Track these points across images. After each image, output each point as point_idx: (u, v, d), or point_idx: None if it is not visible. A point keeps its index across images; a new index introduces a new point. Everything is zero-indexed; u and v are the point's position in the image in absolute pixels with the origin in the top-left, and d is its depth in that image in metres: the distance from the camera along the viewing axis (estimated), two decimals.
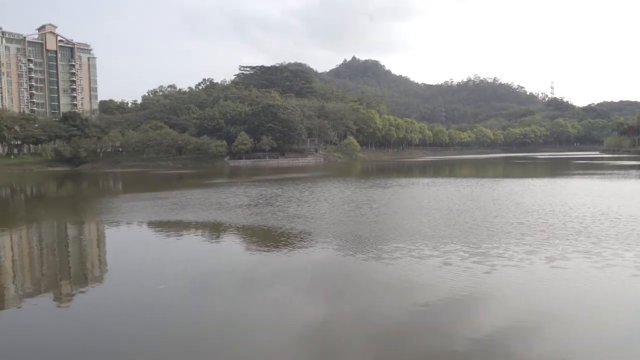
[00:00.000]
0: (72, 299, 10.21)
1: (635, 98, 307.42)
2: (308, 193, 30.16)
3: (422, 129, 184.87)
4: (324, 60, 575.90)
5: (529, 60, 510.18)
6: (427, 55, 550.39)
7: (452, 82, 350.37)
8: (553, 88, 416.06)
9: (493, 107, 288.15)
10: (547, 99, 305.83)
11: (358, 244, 13.98)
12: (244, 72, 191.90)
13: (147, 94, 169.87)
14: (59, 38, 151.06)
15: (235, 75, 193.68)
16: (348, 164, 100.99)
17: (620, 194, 25.83)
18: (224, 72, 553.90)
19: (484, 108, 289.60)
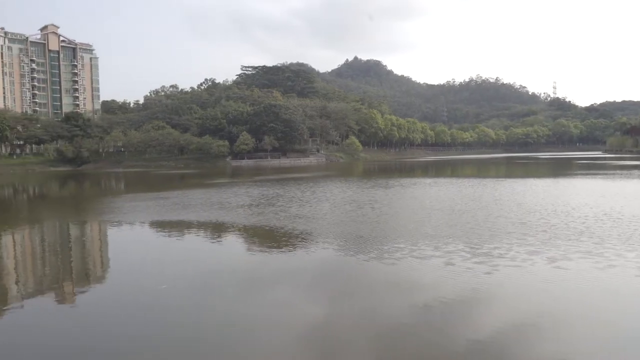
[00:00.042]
0: (73, 299, 10.22)
1: (638, 98, 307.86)
2: (310, 193, 30.15)
3: (424, 129, 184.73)
4: (326, 60, 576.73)
5: (531, 60, 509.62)
6: (429, 55, 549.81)
7: (454, 82, 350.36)
8: (555, 88, 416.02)
9: (495, 107, 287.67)
10: (549, 99, 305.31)
11: (359, 244, 13.97)
12: (246, 72, 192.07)
13: (149, 94, 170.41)
14: (62, 38, 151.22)
15: (237, 75, 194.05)
16: (350, 164, 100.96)
17: (623, 194, 25.76)
18: (226, 72, 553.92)
19: (486, 108, 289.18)
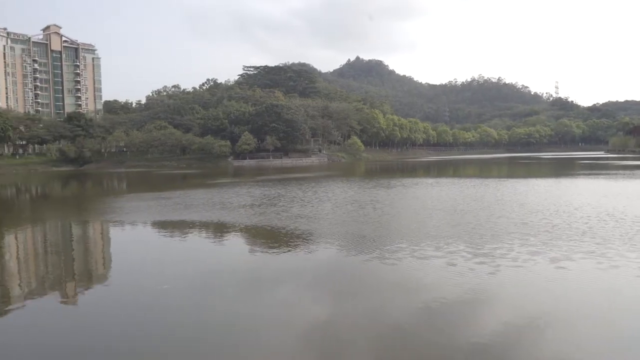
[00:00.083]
0: (74, 299, 10.23)
1: None
2: (311, 193, 30.14)
3: (425, 129, 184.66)
4: (328, 60, 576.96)
5: (534, 60, 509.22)
6: (431, 55, 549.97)
7: (456, 82, 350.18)
8: (557, 88, 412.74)
9: (497, 107, 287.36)
10: (551, 99, 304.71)
11: (361, 244, 13.95)
12: (248, 72, 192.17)
13: (151, 94, 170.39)
14: (64, 38, 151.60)
15: (239, 76, 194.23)
16: (352, 164, 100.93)
17: (626, 194, 25.68)
18: (228, 72, 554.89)
19: (488, 108, 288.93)
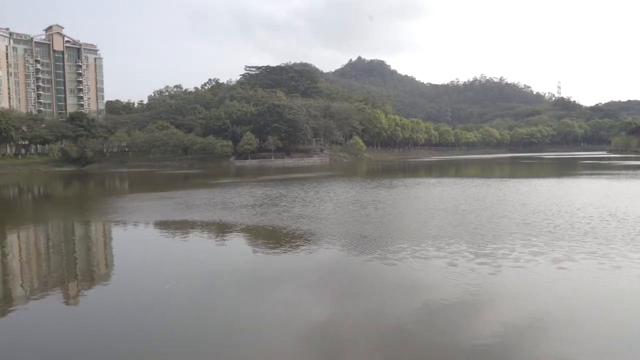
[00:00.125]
0: (75, 299, 10.24)
1: None
2: (313, 193, 30.14)
3: (427, 129, 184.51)
4: (329, 60, 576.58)
5: (536, 60, 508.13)
6: (433, 55, 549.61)
7: (458, 81, 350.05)
8: (560, 88, 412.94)
9: (499, 106, 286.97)
10: (554, 99, 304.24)
11: (363, 245, 13.95)
12: (250, 72, 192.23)
13: (153, 94, 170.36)
14: (66, 39, 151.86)
15: (241, 76, 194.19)
16: (354, 164, 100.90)
17: (628, 195, 25.62)
18: (230, 72, 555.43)
19: (490, 108, 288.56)
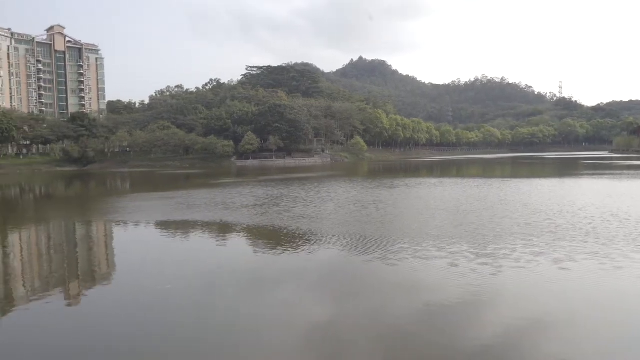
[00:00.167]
0: (76, 299, 10.22)
1: None
2: (314, 193, 30.11)
3: (429, 129, 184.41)
4: (331, 60, 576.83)
5: (537, 60, 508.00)
6: (434, 55, 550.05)
7: (459, 81, 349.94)
8: (561, 88, 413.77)
9: (501, 106, 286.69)
10: (555, 99, 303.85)
11: (364, 245, 13.92)
12: (251, 72, 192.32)
13: (154, 94, 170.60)
14: (67, 39, 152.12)
15: (242, 76, 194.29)
16: (355, 164, 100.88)
17: (630, 195, 25.57)
18: (231, 72, 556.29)
19: (492, 108, 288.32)
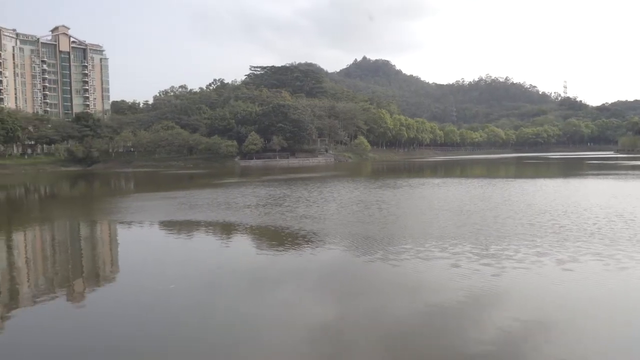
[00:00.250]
0: (79, 299, 10.21)
1: None
2: (317, 193, 30.06)
3: (433, 129, 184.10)
4: (334, 60, 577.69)
5: (542, 60, 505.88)
6: (438, 55, 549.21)
7: (463, 81, 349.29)
8: (566, 87, 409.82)
9: (505, 106, 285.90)
10: (560, 99, 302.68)
11: (366, 245, 13.85)
12: (255, 72, 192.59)
13: (158, 95, 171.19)
14: (72, 39, 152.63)
15: (246, 76, 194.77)
16: (358, 164, 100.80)
17: (636, 195, 25.39)
18: (235, 72, 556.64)
19: (496, 108, 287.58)
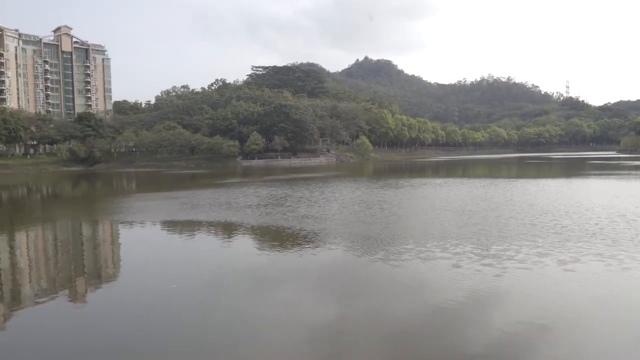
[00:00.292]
0: (81, 299, 10.24)
1: None
2: (319, 193, 30.07)
3: (434, 129, 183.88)
4: (336, 60, 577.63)
5: (544, 59, 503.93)
6: (440, 55, 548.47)
7: (465, 81, 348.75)
8: (568, 87, 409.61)
9: (507, 106, 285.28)
10: (562, 99, 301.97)
11: (367, 245, 13.85)
12: (257, 72, 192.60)
13: (160, 95, 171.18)
14: (74, 39, 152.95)
15: (248, 76, 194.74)
16: (360, 164, 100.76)
17: (638, 195, 25.33)
18: (237, 72, 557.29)
19: (498, 108, 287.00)
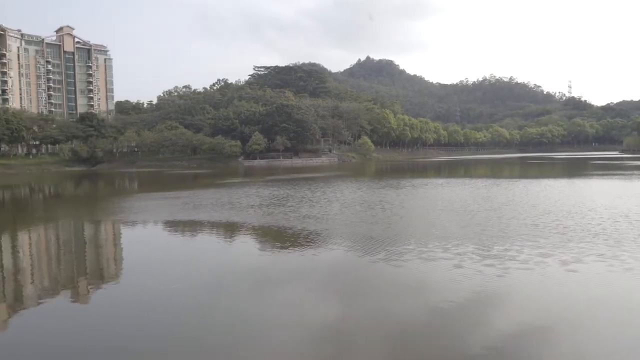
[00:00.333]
0: (83, 299, 10.24)
1: None
2: (320, 193, 30.05)
3: (436, 129, 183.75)
4: (338, 60, 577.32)
5: (546, 59, 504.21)
6: (442, 55, 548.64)
7: (467, 81, 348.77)
8: (571, 87, 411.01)
9: (509, 106, 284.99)
10: (564, 98, 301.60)
11: (369, 245, 13.83)
12: (258, 72, 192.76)
13: (162, 95, 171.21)
14: (76, 40, 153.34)
15: (250, 76, 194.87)
16: (362, 164, 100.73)
17: None
18: (238, 72, 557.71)
19: (500, 108, 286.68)
